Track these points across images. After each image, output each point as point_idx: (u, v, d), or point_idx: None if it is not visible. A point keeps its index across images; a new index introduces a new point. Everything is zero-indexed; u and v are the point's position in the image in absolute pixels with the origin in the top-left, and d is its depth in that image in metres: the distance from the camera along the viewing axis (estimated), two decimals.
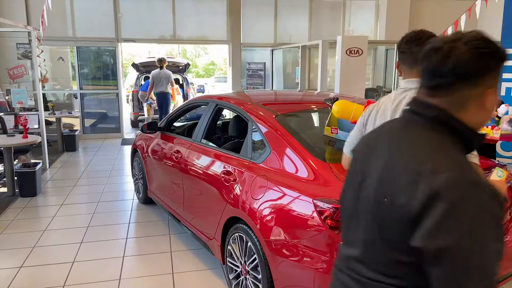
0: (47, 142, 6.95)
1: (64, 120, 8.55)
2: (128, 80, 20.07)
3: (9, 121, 6.37)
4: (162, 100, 8.69)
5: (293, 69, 10.01)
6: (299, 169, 2.46)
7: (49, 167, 6.69)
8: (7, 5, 8.56)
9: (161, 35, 9.78)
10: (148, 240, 3.96)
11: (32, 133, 5.86)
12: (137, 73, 11.67)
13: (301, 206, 2.29)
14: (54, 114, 7.85)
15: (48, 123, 7.74)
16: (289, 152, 2.58)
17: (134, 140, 5.04)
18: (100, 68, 9.59)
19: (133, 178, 5.25)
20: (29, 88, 8.11)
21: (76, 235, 4.05)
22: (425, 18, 10.40)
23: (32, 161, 5.74)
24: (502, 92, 3.94)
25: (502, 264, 0.94)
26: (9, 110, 7.07)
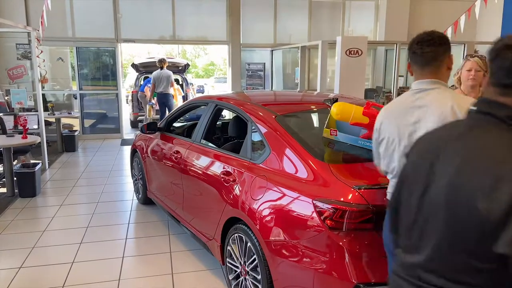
0: (47, 143, 6.94)
1: (64, 121, 8.55)
2: (128, 81, 20.06)
3: (9, 122, 6.36)
4: (163, 100, 8.83)
5: (293, 70, 10.01)
6: (299, 170, 2.46)
7: (49, 168, 6.69)
8: (7, 6, 8.56)
9: (161, 36, 9.78)
10: (148, 241, 3.96)
11: (32, 134, 5.85)
12: (137, 74, 11.67)
13: (301, 207, 2.29)
14: (54, 115, 7.85)
15: (48, 124, 7.73)
16: (289, 153, 2.58)
17: (134, 141, 5.04)
18: (100, 69, 9.58)
19: (133, 179, 5.25)
20: (29, 89, 8.11)
21: (76, 236, 4.04)
22: (425, 19, 10.40)
23: (32, 162, 5.74)
24: None
25: None
26: (9, 111, 7.06)
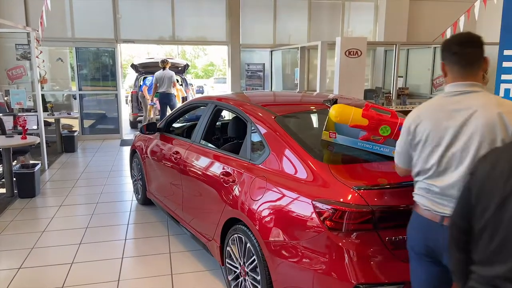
0: (46, 143, 6.93)
1: (63, 121, 8.55)
2: (127, 81, 20.04)
3: (8, 122, 6.37)
4: (165, 100, 8.94)
5: (292, 70, 10.01)
6: (298, 170, 2.46)
7: (48, 168, 6.68)
8: (6, 6, 8.55)
9: (160, 36, 9.78)
10: (147, 241, 3.96)
11: (31, 134, 5.85)
12: (136, 74, 11.67)
13: (300, 207, 2.29)
14: (53, 115, 7.85)
15: (47, 124, 7.73)
16: (288, 153, 2.58)
17: (133, 141, 5.04)
18: (99, 69, 9.58)
19: (132, 179, 5.25)
20: (28, 89, 8.11)
21: (75, 236, 4.04)
22: (424, 20, 10.41)
23: (31, 162, 5.74)
24: (501, 93, 3.93)
25: None
26: (8, 111, 7.06)
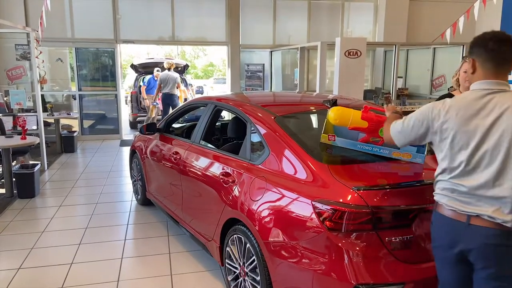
0: (46, 143, 6.93)
1: (63, 121, 8.55)
2: (127, 81, 20.03)
3: (8, 122, 6.37)
4: (168, 101, 9.03)
5: (292, 71, 10.01)
6: (298, 171, 2.46)
7: (48, 168, 6.68)
8: (6, 6, 8.55)
9: (160, 36, 9.78)
10: (147, 242, 3.96)
11: (31, 134, 5.85)
12: (136, 75, 11.67)
13: (300, 208, 2.29)
14: (53, 115, 7.85)
15: (47, 124, 7.73)
16: (288, 154, 2.58)
17: (133, 141, 5.04)
18: (99, 69, 9.58)
19: (132, 180, 5.25)
20: (28, 89, 8.10)
21: (75, 237, 4.04)
22: (424, 20, 10.42)
23: (31, 162, 5.73)
24: None
25: None
26: (8, 111, 7.05)
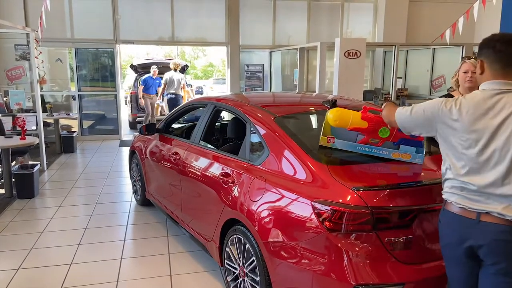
0: (45, 144, 6.93)
1: (62, 122, 8.55)
2: (127, 82, 20.02)
3: (7, 123, 6.36)
4: (173, 101, 9.17)
5: (292, 71, 10.02)
6: (297, 171, 2.46)
7: (47, 169, 6.67)
8: (6, 7, 8.55)
9: (160, 37, 9.78)
10: (146, 242, 3.96)
11: (30, 135, 5.84)
12: (136, 75, 11.67)
13: (300, 208, 2.29)
14: (52, 116, 7.84)
15: (46, 125, 7.72)
16: (287, 154, 2.58)
17: (132, 142, 5.04)
18: (99, 70, 9.58)
19: (131, 180, 5.24)
20: (27, 90, 8.09)
21: (74, 237, 4.03)
22: (423, 21, 10.43)
23: (30, 163, 5.73)
24: None
25: None
26: (7, 112, 7.05)
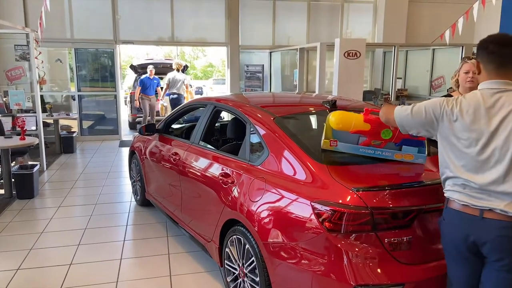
0: (45, 144, 6.92)
1: (62, 122, 8.54)
2: (126, 82, 20.01)
3: (7, 123, 6.36)
4: (175, 102, 9.20)
5: (291, 72, 10.02)
6: (297, 172, 2.46)
7: (47, 169, 6.67)
8: (5, 7, 8.55)
9: (160, 37, 9.78)
10: (146, 242, 3.95)
11: (30, 135, 5.84)
12: (135, 75, 11.67)
13: (299, 209, 2.29)
14: (52, 116, 7.84)
15: (46, 125, 7.72)
16: (287, 155, 2.58)
17: (132, 142, 5.04)
18: (98, 70, 9.58)
19: (131, 180, 5.24)
20: (27, 90, 8.12)
21: (74, 237, 4.03)
22: (423, 21, 10.44)
23: (30, 163, 5.72)
24: None
25: None
26: (7, 112, 7.05)
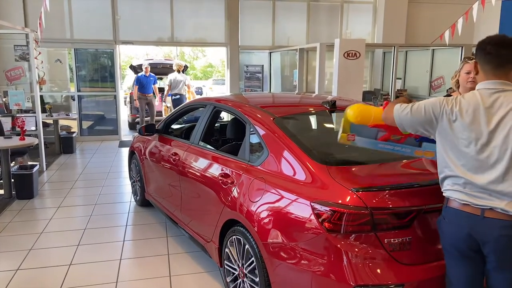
0: (44, 144, 6.92)
1: (62, 122, 8.53)
2: (126, 82, 20.01)
3: (6, 123, 6.36)
4: (177, 102, 9.29)
5: (291, 72, 10.02)
6: (297, 172, 2.46)
7: (46, 169, 6.67)
8: (5, 7, 8.55)
9: (159, 37, 9.77)
10: (146, 243, 3.95)
11: (29, 135, 5.84)
12: (135, 75, 11.65)
13: (299, 209, 2.29)
14: (52, 116, 7.83)
15: (46, 125, 7.71)
16: (287, 155, 2.58)
17: (132, 142, 5.04)
18: (98, 70, 9.58)
19: (131, 181, 5.24)
20: (27, 90, 8.12)
21: (73, 238, 4.03)
22: (423, 22, 10.44)
23: (29, 163, 5.72)
24: None
25: None
26: (6, 112, 7.05)
